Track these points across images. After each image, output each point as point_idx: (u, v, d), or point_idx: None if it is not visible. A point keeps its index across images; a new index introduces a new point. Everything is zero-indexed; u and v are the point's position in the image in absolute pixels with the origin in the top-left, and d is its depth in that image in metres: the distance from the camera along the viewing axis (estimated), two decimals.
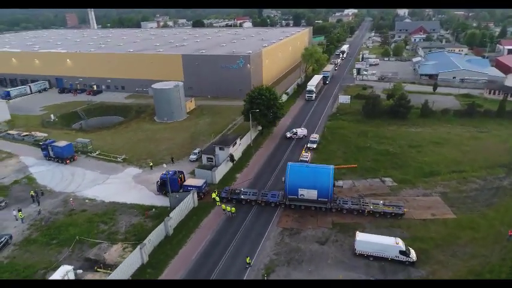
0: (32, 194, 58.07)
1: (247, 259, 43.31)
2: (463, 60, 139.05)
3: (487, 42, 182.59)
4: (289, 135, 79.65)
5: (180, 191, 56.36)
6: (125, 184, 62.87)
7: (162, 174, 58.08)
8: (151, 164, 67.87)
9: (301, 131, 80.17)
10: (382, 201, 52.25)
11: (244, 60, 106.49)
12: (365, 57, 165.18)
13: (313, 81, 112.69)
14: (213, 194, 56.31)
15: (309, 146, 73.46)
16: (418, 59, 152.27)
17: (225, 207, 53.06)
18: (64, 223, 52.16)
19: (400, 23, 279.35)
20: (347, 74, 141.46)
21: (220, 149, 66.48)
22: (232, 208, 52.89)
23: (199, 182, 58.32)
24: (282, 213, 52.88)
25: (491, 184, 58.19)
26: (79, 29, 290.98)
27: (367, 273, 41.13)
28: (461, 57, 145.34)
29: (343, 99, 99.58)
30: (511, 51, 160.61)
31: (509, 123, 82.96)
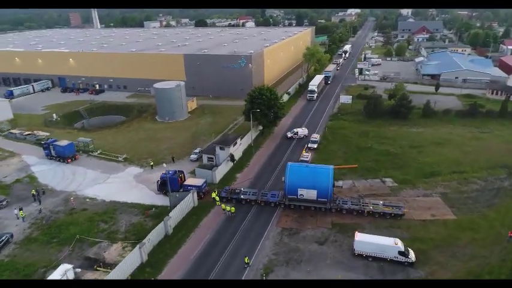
0: (33, 192, 58.31)
1: (245, 259, 43.39)
2: (466, 60, 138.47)
3: (491, 42, 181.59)
4: (290, 135, 79.57)
5: (180, 190, 56.56)
6: (125, 183, 63.12)
7: (162, 173, 58.19)
8: (152, 164, 68.16)
9: (302, 131, 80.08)
10: (382, 202, 52.16)
11: (246, 60, 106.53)
12: (367, 57, 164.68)
13: (315, 81, 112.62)
14: (213, 194, 56.42)
15: (309, 146, 73.46)
16: (420, 59, 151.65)
17: (224, 207, 53.16)
18: (65, 222, 52.47)
19: (403, 22, 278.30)
20: (349, 74, 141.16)
21: (220, 148, 66.64)
22: (232, 208, 52.99)
23: (199, 181, 58.50)
24: (282, 213, 52.91)
25: (492, 185, 57.94)
26: (82, 28, 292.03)
27: (366, 274, 41.10)
28: (464, 57, 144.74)
29: (345, 99, 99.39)
30: None
31: (511, 124, 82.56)
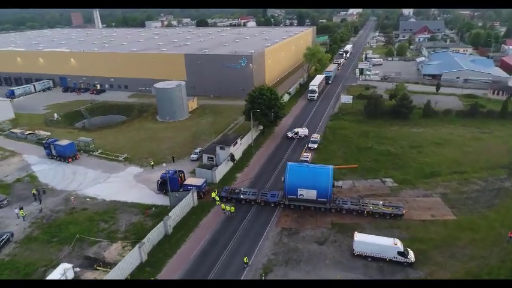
0: (34, 192, 58.50)
1: (245, 259, 43.44)
2: (467, 60, 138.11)
3: (492, 42, 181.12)
4: (290, 135, 79.55)
5: (180, 190, 56.66)
6: (126, 183, 63.24)
7: (163, 173, 58.30)
8: (152, 163, 68.29)
9: (303, 131, 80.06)
10: (381, 202, 52.15)
11: (247, 59, 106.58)
12: (368, 57, 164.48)
13: (316, 81, 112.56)
14: (213, 194, 56.47)
15: (309, 146, 73.47)
16: (421, 59, 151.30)
17: (224, 207, 53.22)
18: (65, 221, 52.64)
19: (404, 22, 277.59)
20: (350, 74, 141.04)
21: (221, 148, 66.73)
22: (232, 207, 53.05)
23: (199, 181, 58.59)
24: (281, 213, 52.95)
25: (492, 185, 57.87)
26: (84, 28, 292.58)
27: (365, 274, 41.11)
28: (465, 57, 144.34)
29: (345, 99, 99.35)
30: None
31: None
